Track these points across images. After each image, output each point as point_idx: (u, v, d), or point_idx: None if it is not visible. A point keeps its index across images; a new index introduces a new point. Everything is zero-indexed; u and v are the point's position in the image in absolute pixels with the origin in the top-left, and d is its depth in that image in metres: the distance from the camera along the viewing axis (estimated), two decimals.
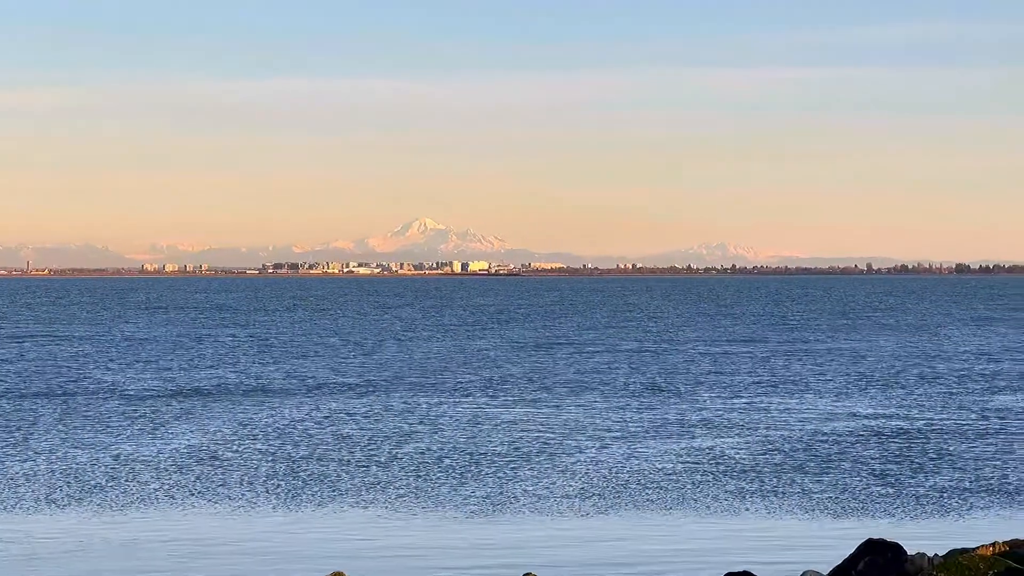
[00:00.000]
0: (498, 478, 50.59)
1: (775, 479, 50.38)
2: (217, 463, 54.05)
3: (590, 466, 53.34)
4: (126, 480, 49.95)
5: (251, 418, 69.41)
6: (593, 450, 57.74)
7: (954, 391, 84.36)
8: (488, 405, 75.71)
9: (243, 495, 47.06)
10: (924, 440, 60.96)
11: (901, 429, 64.93)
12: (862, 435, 62.72)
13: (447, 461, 54.68)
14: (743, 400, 78.36)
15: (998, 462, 54.60)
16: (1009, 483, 49.57)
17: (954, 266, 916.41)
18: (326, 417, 69.91)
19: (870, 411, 72.77)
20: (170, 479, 50.21)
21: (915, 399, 79.29)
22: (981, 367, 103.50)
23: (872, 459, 55.29)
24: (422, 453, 56.99)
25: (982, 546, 30.55)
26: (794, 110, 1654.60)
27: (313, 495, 47.09)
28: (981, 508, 44.97)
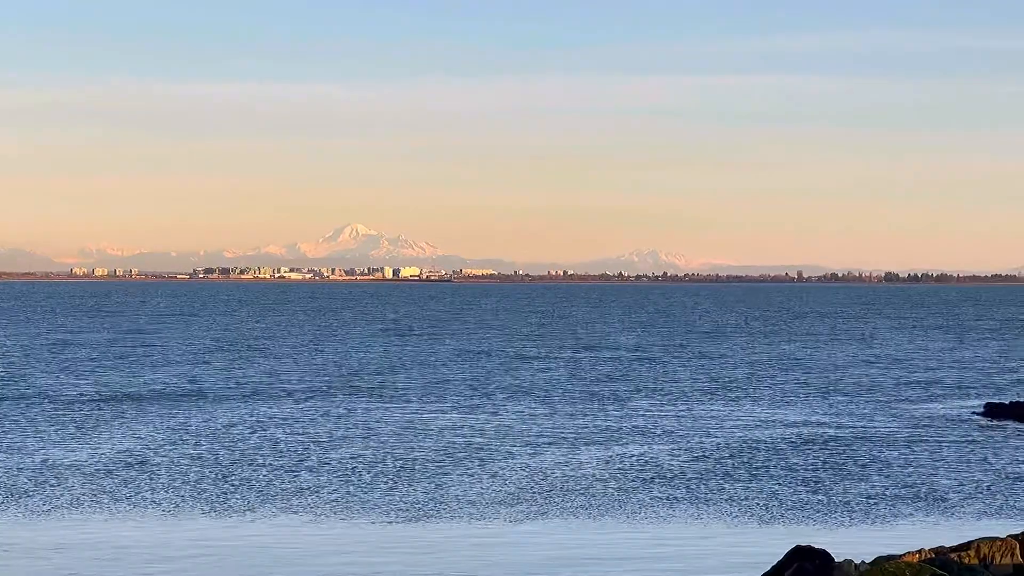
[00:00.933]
0: (430, 483, 50.47)
1: (705, 486, 50.49)
2: (147, 468, 53.64)
3: (522, 472, 53.30)
4: (53, 485, 49.49)
5: (183, 423, 68.96)
6: (526, 456, 57.72)
7: (884, 399, 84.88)
8: (424, 411, 75.57)
9: (171, 500, 46.72)
10: (854, 447, 61.30)
11: (831, 436, 65.26)
12: (793, 442, 62.98)
13: (380, 466, 54.52)
14: (677, 407, 78.55)
15: (926, 469, 54.96)
16: (936, 491, 49.90)
17: (883, 275, 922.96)
18: (259, 422, 69.57)
19: (802, 418, 73.11)
20: (98, 484, 49.77)
21: (846, 406, 79.73)
22: (910, 375, 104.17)
23: (802, 466, 55.52)
24: (355, 458, 56.80)
25: (908, 553, 30.74)
26: (728, 119, 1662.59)
27: (242, 500, 46.80)
28: (908, 515, 45.24)
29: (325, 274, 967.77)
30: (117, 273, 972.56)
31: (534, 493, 48.60)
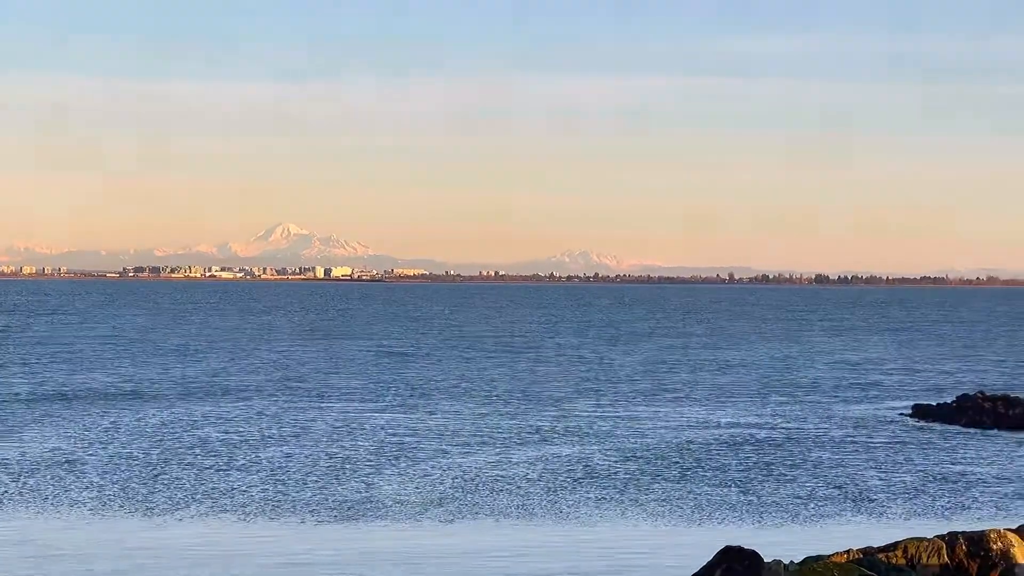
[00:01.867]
0: (361, 482, 50.36)
1: (635, 486, 50.61)
2: (75, 467, 53.22)
3: (454, 471, 53.26)
4: None
5: (115, 422, 68.47)
6: (458, 456, 57.68)
7: (815, 400, 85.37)
8: (360, 410, 75.37)
9: (99, 499, 46.36)
10: (785, 448, 61.62)
11: (764, 438, 65.58)
12: (726, 443, 63.24)
13: (311, 466, 54.32)
14: (613, 408, 78.67)
15: (855, 470, 55.32)
16: (865, 491, 50.24)
17: (814, 277, 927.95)
18: (192, 421, 69.18)
19: (733, 419, 73.40)
20: (24, 482, 49.33)
21: (778, 408, 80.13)
22: (841, 377, 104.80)
23: (733, 467, 55.76)
24: (287, 457, 56.60)
25: (836, 553, 30.94)
26: (659, 120, 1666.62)
27: (171, 499, 46.51)
28: (837, 515, 45.52)
29: (256, 273, 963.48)
30: (45, 271, 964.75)
31: (465, 492, 48.57)
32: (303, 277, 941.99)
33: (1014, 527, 32.64)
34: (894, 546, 31.21)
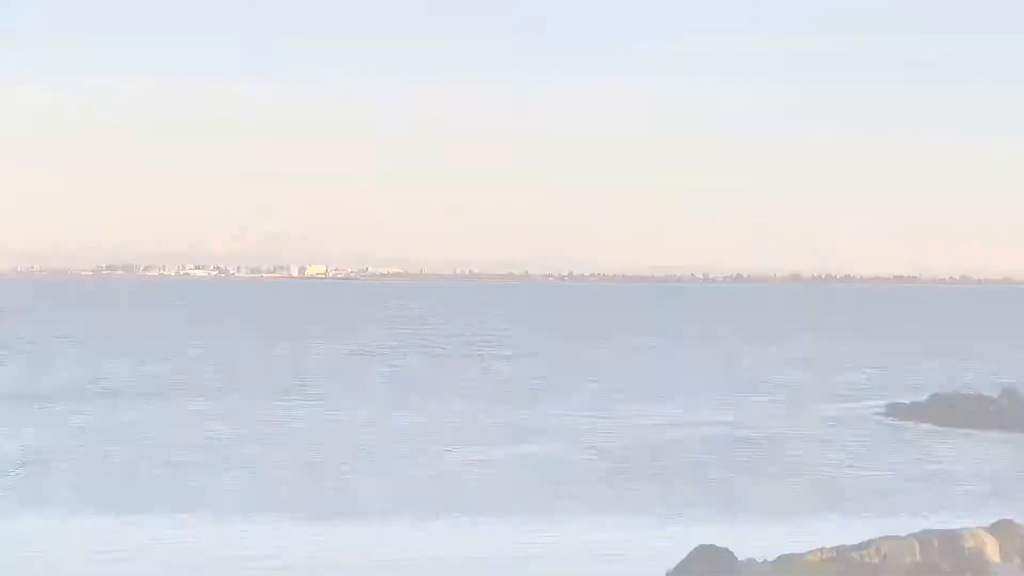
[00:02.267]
0: (337, 481, 50.30)
1: (609, 485, 50.62)
2: (48, 465, 53.02)
3: (429, 471, 53.24)
4: None
5: (87, 421, 68.24)
6: (434, 455, 57.63)
7: (790, 399, 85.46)
8: (334, 409, 75.27)
9: (71, 498, 46.20)
10: (759, 446, 61.71)
11: (737, 436, 65.66)
12: (699, 441, 63.32)
13: (287, 465, 54.22)
14: (588, 407, 78.65)
15: (829, 468, 55.43)
16: (839, 489, 50.34)
17: (788, 275, 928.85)
18: (167, 420, 69.00)
19: (709, 418, 73.46)
20: None
21: (753, 406, 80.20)
22: (816, 375, 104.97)
23: (707, 465, 55.82)
24: (263, 456, 56.49)
25: (810, 552, 30.98)
26: (633, 118, 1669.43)
27: (144, 498, 46.36)
28: (811, 514, 45.56)
29: (231, 271, 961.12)
30: (18, 269, 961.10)
31: (440, 492, 48.55)
32: (278, 275, 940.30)
33: (987, 526, 32.71)
34: (868, 544, 31.27)
